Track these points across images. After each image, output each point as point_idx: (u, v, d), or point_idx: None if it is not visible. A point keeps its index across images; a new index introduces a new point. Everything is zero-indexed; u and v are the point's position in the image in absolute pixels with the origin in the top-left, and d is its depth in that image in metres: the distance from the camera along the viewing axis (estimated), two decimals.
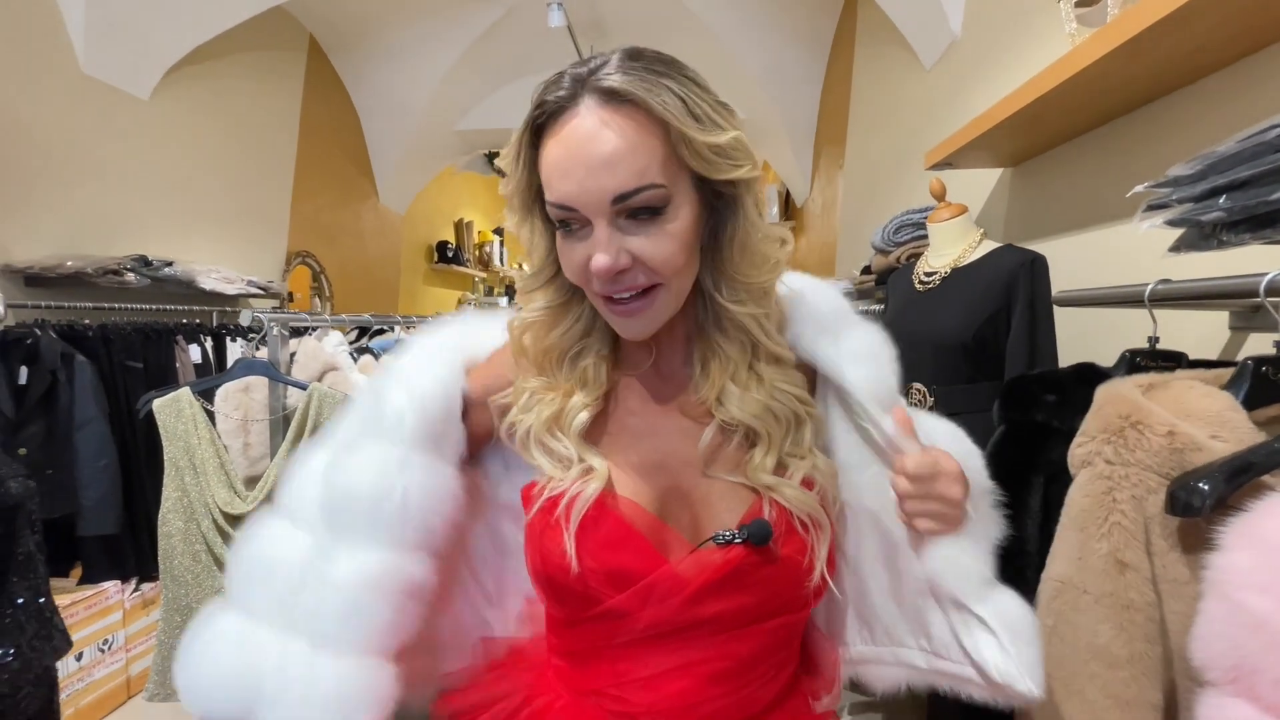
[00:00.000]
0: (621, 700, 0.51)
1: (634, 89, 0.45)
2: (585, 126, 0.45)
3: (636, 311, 0.49)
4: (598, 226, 0.46)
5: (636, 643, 0.51)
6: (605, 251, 0.46)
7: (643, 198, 0.46)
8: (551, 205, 0.48)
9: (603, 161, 0.45)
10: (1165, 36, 0.88)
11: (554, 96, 0.47)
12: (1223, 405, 0.59)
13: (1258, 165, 0.60)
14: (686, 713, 0.50)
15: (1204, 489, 0.52)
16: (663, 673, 0.50)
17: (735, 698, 0.51)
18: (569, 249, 0.49)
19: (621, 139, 0.45)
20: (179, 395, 1.08)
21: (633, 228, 0.47)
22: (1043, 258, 1.16)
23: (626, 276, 0.47)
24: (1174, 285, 0.73)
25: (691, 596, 0.49)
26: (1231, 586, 0.42)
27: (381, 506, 0.51)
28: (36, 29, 2.09)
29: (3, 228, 1.99)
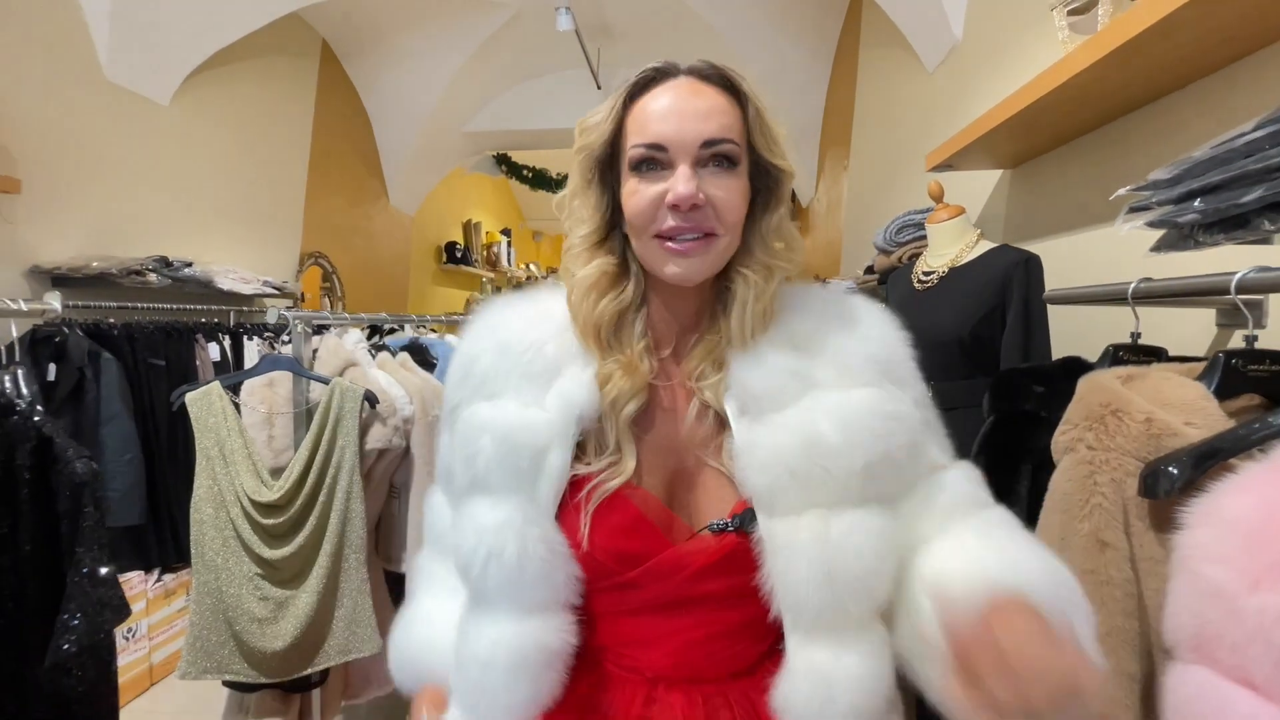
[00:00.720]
0: (625, 656, 0.57)
1: (721, 77, 0.56)
2: (685, 86, 0.55)
3: (693, 251, 0.54)
4: (681, 166, 0.53)
5: (641, 611, 0.56)
6: (688, 184, 0.52)
7: (725, 148, 0.54)
8: (641, 147, 0.54)
9: (699, 112, 0.53)
10: (1151, 45, 0.92)
11: (653, 69, 0.56)
12: (1196, 394, 0.63)
13: (1228, 170, 0.64)
14: (681, 668, 0.56)
15: (1174, 473, 0.56)
16: (663, 635, 0.56)
17: (724, 656, 0.57)
18: (644, 188, 0.54)
19: (715, 99, 0.55)
20: (210, 389, 1.13)
21: (709, 174, 0.54)
22: (1036, 257, 1.20)
23: (697, 214, 0.53)
24: (1155, 284, 0.77)
25: (691, 576, 0.54)
26: (1193, 560, 0.46)
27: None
28: (64, 39, 2.17)
29: (31, 230, 2.06)
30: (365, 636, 1.19)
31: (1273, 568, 0.41)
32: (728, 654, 0.56)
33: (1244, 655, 0.42)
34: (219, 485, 1.10)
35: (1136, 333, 0.82)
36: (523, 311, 0.62)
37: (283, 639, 1.11)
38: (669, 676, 0.56)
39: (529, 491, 0.54)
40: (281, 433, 1.22)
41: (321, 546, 1.15)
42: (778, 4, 3.32)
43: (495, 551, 0.52)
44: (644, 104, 0.55)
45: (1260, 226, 0.63)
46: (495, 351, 0.59)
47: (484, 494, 0.55)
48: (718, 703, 0.55)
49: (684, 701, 0.55)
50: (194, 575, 1.11)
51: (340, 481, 1.16)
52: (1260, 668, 0.41)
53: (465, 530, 0.55)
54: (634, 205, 0.55)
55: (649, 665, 0.56)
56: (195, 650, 1.10)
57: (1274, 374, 0.65)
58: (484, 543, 0.53)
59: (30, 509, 0.63)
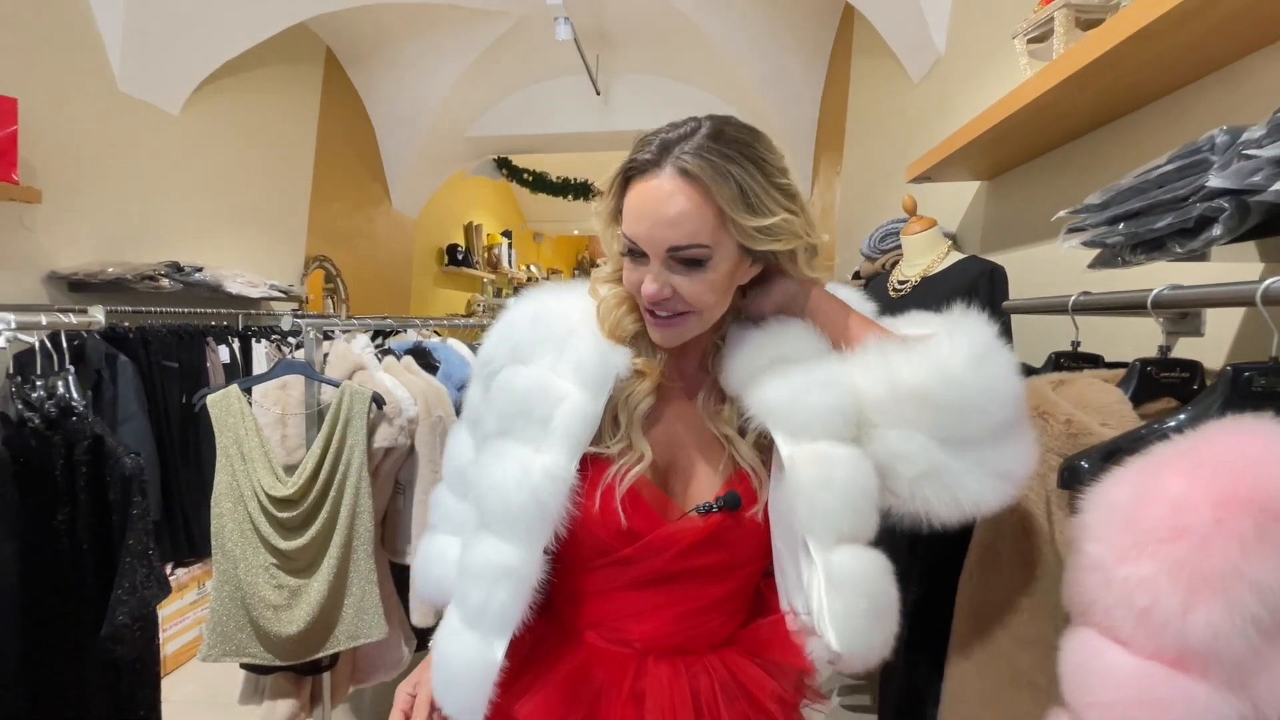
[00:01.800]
0: (618, 630, 0.66)
1: (703, 174, 0.57)
2: (662, 189, 0.58)
3: (667, 326, 0.63)
4: (654, 261, 0.60)
5: (634, 586, 0.64)
6: (654, 282, 0.60)
7: (689, 253, 0.59)
8: (623, 235, 0.62)
9: (668, 220, 0.58)
10: (1101, 73, 1.00)
11: (645, 156, 0.60)
12: (1113, 399, 0.71)
13: (1145, 199, 0.71)
14: (666, 639, 0.65)
15: (1085, 467, 0.64)
16: (652, 609, 0.65)
17: (704, 629, 0.66)
18: (630, 269, 0.63)
19: (686, 206, 0.58)
20: (229, 392, 1.22)
21: (678, 269, 0.60)
22: (1001, 268, 1.28)
23: (667, 303, 0.61)
24: (1091, 297, 0.84)
25: (680, 552, 0.63)
26: (1081, 539, 0.54)
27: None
28: (79, 51, 2.25)
29: (48, 237, 2.14)
30: (373, 623, 1.27)
31: (1135, 545, 0.49)
32: (710, 627, 0.66)
33: (1113, 616, 0.50)
34: (237, 481, 1.19)
35: (1076, 341, 0.90)
36: (560, 299, 0.70)
37: (296, 624, 1.20)
38: (658, 648, 0.65)
39: (542, 438, 0.62)
40: (294, 432, 1.31)
41: (332, 538, 1.23)
42: (772, 13, 3.39)
43: (501, 483, 0.61)
44: (632, 195, 0.61)
45: (1173, 249, 0.71)
46: (529, 323, 0.67)
47: (508, 439, 0.63)
48: (698, 669, 0.64)
49: (670, 672, 0.64)
50: (214, 565, 1.19)
51: (350, 478, 1.24)
52: (1124, 625, 0.49)
53: (487, 466, 0.64)
54: (626, 279, 0.64)
55: (640, 637, 0.65)
56: (215, 634, 1.18)
57: (1184, 380, 0.73)
58: (499, 476, 0.61)
59: (86, 499, 0.72)
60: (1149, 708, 0.49)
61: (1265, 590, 0.46)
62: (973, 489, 0.59)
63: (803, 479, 0.58)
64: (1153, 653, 0.49)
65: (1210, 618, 0.47)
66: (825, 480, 0.58)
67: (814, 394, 0.60)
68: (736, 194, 0.58)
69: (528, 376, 0.64)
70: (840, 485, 0.58)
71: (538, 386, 0.63)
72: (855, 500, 0.58)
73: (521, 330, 0.68)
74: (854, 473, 0.59)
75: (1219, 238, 0.63)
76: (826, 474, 0.58)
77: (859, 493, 0.59)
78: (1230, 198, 0.60)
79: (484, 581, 0.61)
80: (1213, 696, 0.48)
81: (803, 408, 0.60)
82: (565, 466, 0.61)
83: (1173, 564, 0.48)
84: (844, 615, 0.57)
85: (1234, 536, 0.47)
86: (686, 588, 0.65)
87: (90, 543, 0.72)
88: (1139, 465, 0.53)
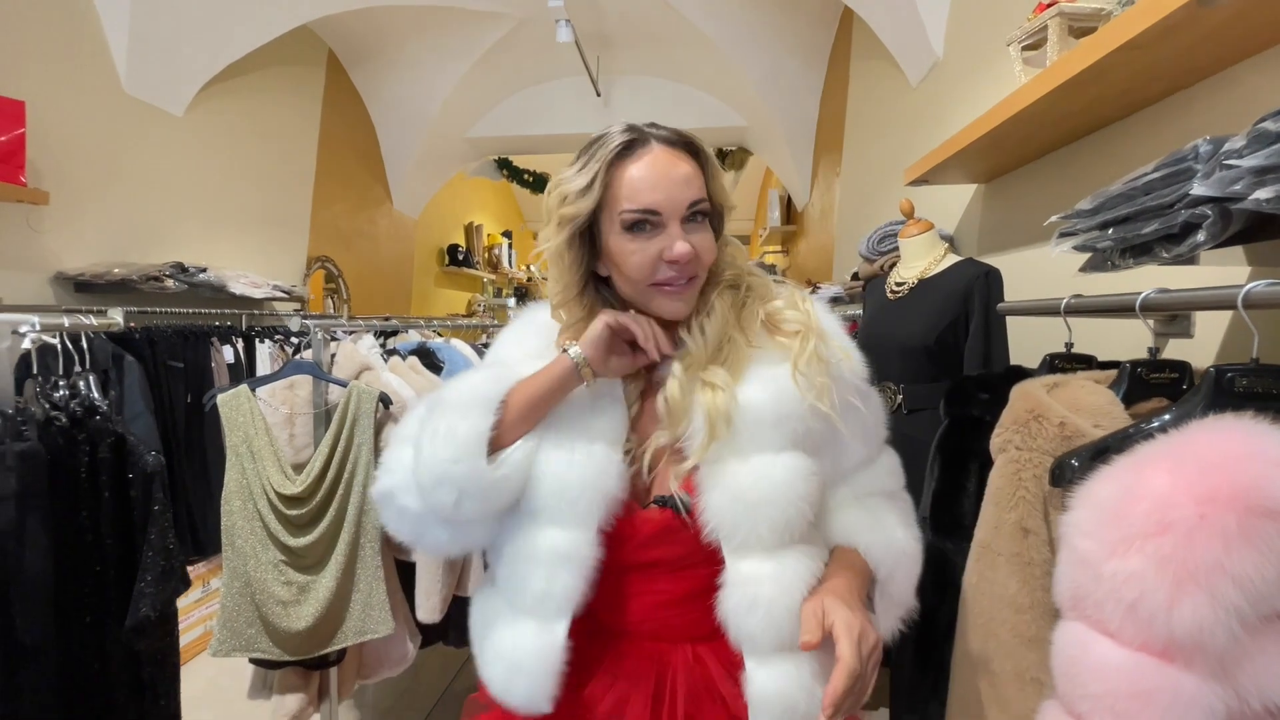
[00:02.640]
0: (602, 614, 0.68)
1: (688, 138, 0.66)
2: (664, 156, 0.64)
3: (684, 293, 0.66)
4: (672, 226, 0.64)
5: (611, 573, 0.66)
6: (685, 241, 0.63)
7: (703, 206, 0.65)
8: (635, 211, 0.63)
9: (681, 179, 0.64)
10: (1091, 82, 1.02)
11: (627, 138, 0.64)
12: (1104, 400, 0.73)
13: (1132, 205, 0.74)
14: (643, 625, 0.68)
15: (1075, 465, 0.66)
16: (630, 596, 0.67)
17: (683, 621, 0.67)
18: (641, 248, 0.64)
19: (688, 168, 0.65)
20: (238, 392, 1.24)
21: (691, 229, 0.65)
22: (997, 271, 1.30)
23: (690, 265, 0.64)
24: (1083, 300, 0.87)
25: (640, 543, 0.66)
26: (1071, 536, 0.56)
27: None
28: (85, 55, 2.27)
29: (54, 238, 2.16)
30: (379, 619, 1.29)
31: (1124, 540, 0.51)
32: (684, 620, 0.67)
33: (1103, 610, 0.52)
34: (247, 479, 1.21)
35: (1070, 343, 0.92)
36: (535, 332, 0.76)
37: (304, 620, 1.22)
38: (634, 633, 0.68)
39: (587, 431, 0.67)
40: (302, 431, 1.33)
41: (340, 535, 1.25)
42: (772, 15, 3.41)
43: (558, 471, 0.65)
44: (629, 173, 0.63)
45: (1160, 254, 0.73)
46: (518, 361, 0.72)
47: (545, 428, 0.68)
48: (673, 658, 0.67)
49: (645, 653, 0.67)
50: (224, 562, 1.21)
51: (357, 476, 1.26)
52: (1113, 618, 0.51)
53: (542, 462, 0.66)
54: (635, 263, 0.64)
55: (619, 623, 0.69)
56: (225, 630, 1.21)
57: (1173, 380, 0.75)
58: (558, 463, 0.65)
59: (110, 495, 0.75)
60: (1137, 698, 0.51)
61: (1247, 583, 0.48)
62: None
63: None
64: (1140, 644, 0.51)
65: (1195, 610, 0.49)
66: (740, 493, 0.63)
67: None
68: (708, 153, 0.67)
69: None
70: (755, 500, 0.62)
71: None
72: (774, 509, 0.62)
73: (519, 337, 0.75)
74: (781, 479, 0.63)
75: (1203, 244, 0.65)
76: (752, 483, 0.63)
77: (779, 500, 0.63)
78: (1213, 205, 0.63)
79: (544, 567, 0.63)
80: (1198, 686, 0.50)
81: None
82: (615, 459, 0.65)
83: (1159, 559, 0.50)
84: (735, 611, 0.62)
85: (1217, 532, 0.49)
86: (657, 580, 0.67)
87: (113, 538, 0.74)
88: (1126, 463, 0.55)
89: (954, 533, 0.93)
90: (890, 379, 1.40)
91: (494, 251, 6.33)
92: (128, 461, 0.76)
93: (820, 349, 0.65)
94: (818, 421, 0.64)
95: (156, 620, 0.75)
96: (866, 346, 1.63)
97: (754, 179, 5.86)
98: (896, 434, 1.39)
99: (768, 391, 0.64)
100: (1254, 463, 0.50)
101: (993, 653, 0.77)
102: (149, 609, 0.73)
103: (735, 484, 0.61)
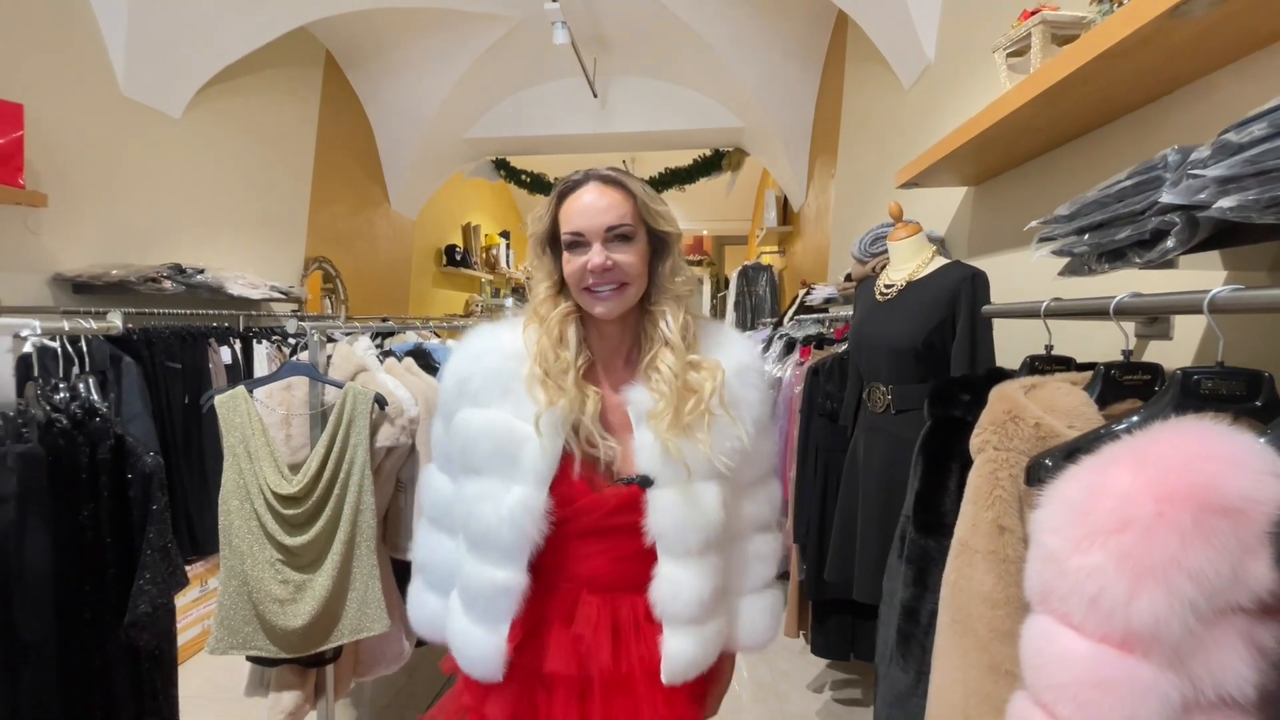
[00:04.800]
0: (565, 570, 0.81)
1: (619, 178, 0.81)
2: (594, 191, 0.80)
3: (611, 298, 0.79)
4: (595, 244, 0.79)
5: (576, 538, 0.80)
6: (599, 255, 0.78)
7: (620, 230, 0.79)
8: (568, 234, 0.79)
9: (603, 208, 0.79)
10: (1073, 89, 1.04)
11: (573, 180, 0.82)
12: (1079, 402, 0.75)
13: (1107, 212, 0.76)
14: (600, 579, 0.81)
15: (1048, 465, 0.68)
16: (590, 555, 0.81)
17: (627, 573, 0.81)
18: (574, 260, 0.79)
19: (614, 198, 0.80)
20: (235, 393, 1.25)
21: (614, 247, 0.79)
22: (983, 273, 1.32)
23: (610, 274, 0.78)
24: (1062, 303, 0.89)
25: (606, 513, 0.79)
26: (1039, 532, 0.58)
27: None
28: (82, 57, 2.28)
29: (53, 239, 2.18)
30: (375, 616, 1.31)
31: (1087, 536, 0.53)
32: (629, 572, 0.81)
33: (1067, 603, 0.54)
34: (244, 479, 1.22)
35: (1050, 345, 0.94)
36: (500, 341, 0.84)
37: (301, 618, 1.24)
38: (591, 584, 0.82)
39: (513, 471, 0.78)
40: (298, 432, 1.34)
41: (336, 534, 1.27)
42: (767, 18, 3.43)
43: (485, 520, 0.78)
44: (569, 204, 0.81)
45: (1133, 260, 0.76)
46: (474, 364, 0.82)
47: (482, 476, 0.80)
48: (620, 603, 0.81)
49: (599, 602, 0.81)
50: (221, 560, 1.23)
51: (353, 476, 1.28)
52: (1077, 611, 0.53)
53: (472, 505, 0.80)
54: (569, 271, 0.81)
55: (579, 576, 0.82)
56: (223, 628, 1.22)
57: (1146, 382, 0.77)
58: (485, 514, 0.78)
59: (109, 495, 0.76)
60: (1098, 687, 0.53)
61: (1201, 578, 0.50)
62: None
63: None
64: (1102, 636, 0.53)
65: (1152, 604, 0.51)
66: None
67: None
68: (641, 189, 0.81)
69: (492, 419, 0.80)
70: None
71: (505, 430, 0.79)
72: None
73: (469, 372, 0.82)
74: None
75: (1172, 250, 0.67)
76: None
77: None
78: (1181, 213, 0.65)
79: (484, 596, 0.79)
80: (1155, 676, 0.52)
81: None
82: (536, 496, 0.77)
83: (1119, 554, 0.52)
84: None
85: (1174, 529, 0.51)
86: (614, 540, 0.81)
87: (113, 536, 0.76)
88: (1092, 463, 0.57)
89: (936, 531, 0.95)
90: (879, 380, 1.42)
91: (492, 252, 6.35)
92: (127, 462, 0.78)
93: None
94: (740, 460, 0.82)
95: (155, 617, 0.76)
96: (856, 347, 1.66)
97: (751, 180, 5.88)
98: (886, 434, 1.42)
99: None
100: (1210, 463, 0.52)
101: (970, 646, 0.79)
102: (147, 606, 0.75)
103: (679, 509, 0.78)
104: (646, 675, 0.81)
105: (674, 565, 0.79)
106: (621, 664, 0.80)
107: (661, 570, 0.80)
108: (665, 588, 0.79)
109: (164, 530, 0.78)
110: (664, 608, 0.79)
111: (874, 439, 1.45)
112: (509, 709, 0.81)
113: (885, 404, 1.41)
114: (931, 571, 0.91)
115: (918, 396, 1.32)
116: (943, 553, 0.87)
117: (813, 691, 2.13)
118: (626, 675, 0.80)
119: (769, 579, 0.94)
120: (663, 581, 0.79)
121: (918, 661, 0.92)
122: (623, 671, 0.80)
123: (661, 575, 0.79)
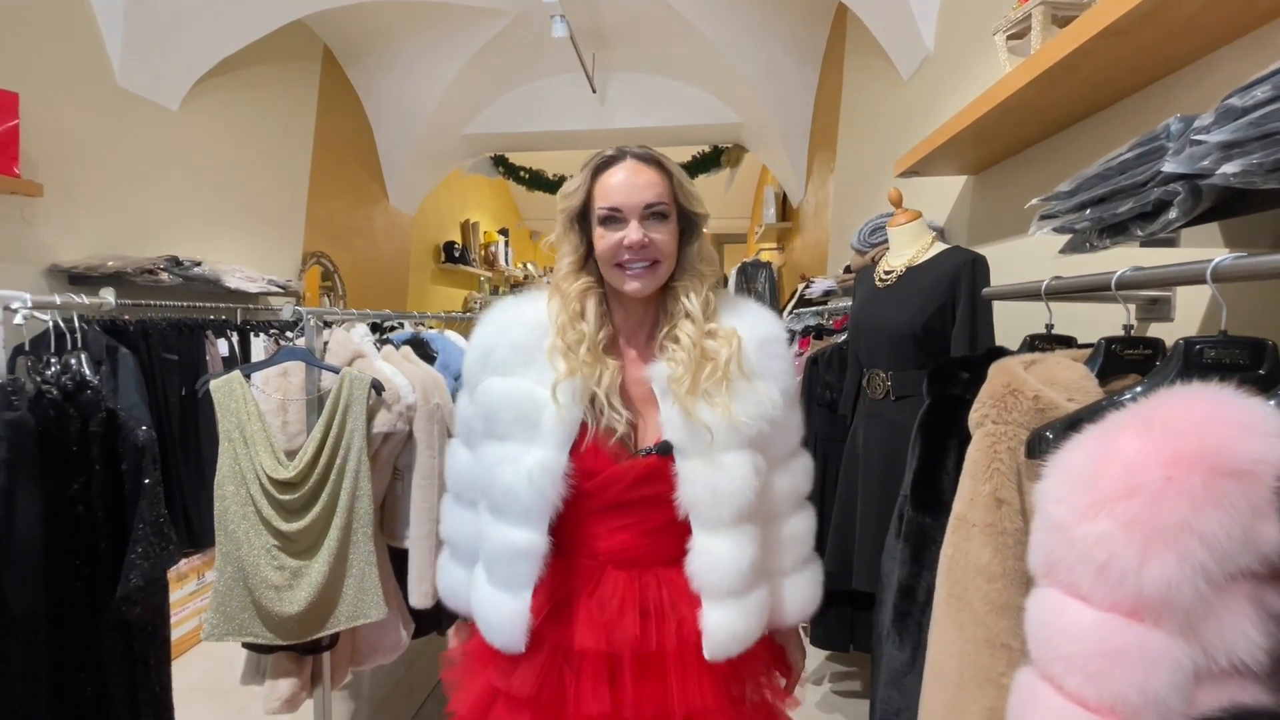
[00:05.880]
0: (587, 546, 0.82)
1: (656, 156, 0.83)
2: (631, 167, 0.81)
3: (645, 275, 0.81)
4: (632, 221, 0.79)
5: (599, 512, 0.81)
6: (637, 232, 0.79)
7: (658, 208, 0.80)
8: (605, 209, 0.80)
9: (642, 184, 0.80)
10: (1073, 70, 1.04)
11: (608, 155, 0.83)
12: (1079, 375, 0.75)
13: (1108, 185, 0.75)
14: (625, 553, 0.81)
15: (1050, 437, 0.67)
16: (614, 530, 0.81)
17: (654, 548, 0.81)
18: (609, 236, 0.80)
19: (651, 176, 0.81)
20: (231, 378, 1.24)
21: (650, 225, 0.80)
22: (983, 258, 1.31)
23: (645, 251, 0.79)
24: (1062, 281, 0.88)
25: (629, 485, 0.79)
26: (1044, 503, 0.57)
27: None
28: (79, 47, 2.27)
29: (48, 230, 2.16)
30: (372, 603, 1.30)
31: (1094, 504, 0.52)
32: (657, 546, 0.81)
33: (1075, 573, 0.53)
34: (240, 465, 1.21)
35: (1050, 324, 0.94)
36: (524, 314, 0.85)
37: (297, 604, 1.23)
38: (616, 560, 0.82)
39: (534, 436, 0.78)
40: (295, 418, 1.33)
41: (333, 521, 1.26)
42: (766, 12, 3.43)
43: (508, 482, 0.77)
44: (605, 179, 0.82)
45: (1135, 233, 0.75)
46: (507, 346, 0.82)
47: (505, 441, 0.79)
48: (648, 579, 0.81)
49: (625, 578, 0.81)
50: (217, 547, 1.22)
51: (350, 462, 1.27)
52: (1085, 580, 0.52)
53: (494, 468, 0.79)
54: (603, 246, 0.81)
55: (603, 552, 0.82)
56: (219, 614, 1.21)
57: (1147, 357, 0.77)
58: (507, 477, 0.77)
59: (101, 468, 0.76)
60: (1107, 657, 0.52)
61: (1213, 541, 0.49)
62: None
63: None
64: (1110, 605, 0.53)
65: (1164, 570, 0.50)
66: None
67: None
68: (676, 169, 0.83)
69: (514, 386, 0.80)
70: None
71: (527, 396, 0.79)
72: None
73: (493, 344, 0.83)
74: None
75: (1175, 220, 0.66)
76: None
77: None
78: (1184, 182, 0.64)
79: (504, 560, 0.79)
80: (1166, 643, 0.51)
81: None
82: (557, 459, 0.77)
83: (1128, 520, 0.52)
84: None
85: (1184, 492, 0.50)
86: (639, 513, 0.81)
87: (104, 510, 0.75)
88: (1097, 431, 0.56)
89: (933, 509, 0.94)
90: (879, 366, 1.42)
91: (490, 249, 6.34)
92: (119, 435, 0.77)
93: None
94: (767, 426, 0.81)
95: (147, 590, 0.76)
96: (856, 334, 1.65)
97: (750, 176, 5.88)
98: (886, 421, 1.41)
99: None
100: (1219, 425, 0.51)
101: (966, 620, 0.79)
102: (139, 579, 0.74)
103: (709, 479, 0.77)
104: (679, 654, 0.79)
105: (709, 537, 0.78)
106: (651, 639, 0.79)
107: (697, 543, 0.78)
108: (701, 560, 0.78)
109: (156, 504, 0.77)
110: (701, 580, 0.78)
111: (873, 426, 1.44)
112: (535, 685, 0.80)
113: (885, 390, 1.40)
114: (928, 549, 0.90)
115: (917, 382, 1.31)
116: (940, 531, 0.86)
117: (812, 683, 2.12)
118: (657, 652, 0.79)
119: (808, 555, 0.93)
120: (698, 554, 0.78)
121: (914, 639, 0.91)
122: (652, 647, 0.79)
123: (697, 548, 0.78)
